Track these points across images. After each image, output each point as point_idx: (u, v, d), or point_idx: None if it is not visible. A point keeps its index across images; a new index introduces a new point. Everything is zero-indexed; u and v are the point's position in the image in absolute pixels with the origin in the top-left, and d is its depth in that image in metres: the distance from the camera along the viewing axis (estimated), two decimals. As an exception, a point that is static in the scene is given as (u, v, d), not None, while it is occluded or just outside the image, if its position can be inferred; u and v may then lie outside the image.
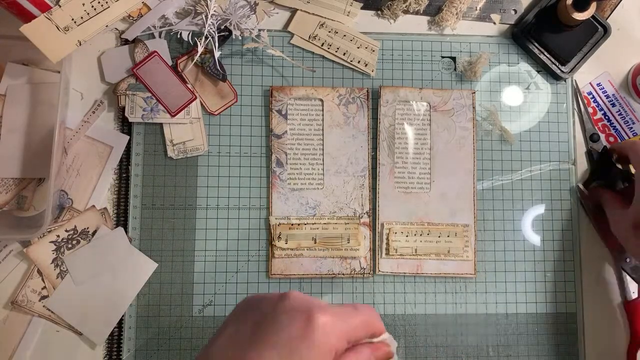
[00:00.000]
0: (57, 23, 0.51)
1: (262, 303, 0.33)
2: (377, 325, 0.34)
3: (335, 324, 0.31)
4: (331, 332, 0.30)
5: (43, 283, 0.53)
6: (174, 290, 0.55)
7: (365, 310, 0.34)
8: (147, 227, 0.55)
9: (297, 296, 0.32)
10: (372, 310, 0.34)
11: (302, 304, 0.31)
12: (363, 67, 0.58)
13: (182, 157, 0.56)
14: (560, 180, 0.59)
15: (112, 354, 0.53)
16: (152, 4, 0.56)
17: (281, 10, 0.59)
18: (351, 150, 0.57)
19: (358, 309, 0.33)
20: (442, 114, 0.58)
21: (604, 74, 0.61)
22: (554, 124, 0.60)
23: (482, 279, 0.57)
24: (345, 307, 0.33)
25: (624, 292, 0.57)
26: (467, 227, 0.57)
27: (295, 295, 0.32)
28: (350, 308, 0.33)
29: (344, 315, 0.32)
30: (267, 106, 0.57)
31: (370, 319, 0.33)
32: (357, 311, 0.33)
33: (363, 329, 0.33)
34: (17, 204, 0.54)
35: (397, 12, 0.59)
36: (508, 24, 0.61)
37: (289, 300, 0.32)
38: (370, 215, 0.57)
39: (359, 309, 0.33)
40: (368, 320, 0.33)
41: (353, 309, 0.33)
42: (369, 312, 0.34)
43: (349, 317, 0.32)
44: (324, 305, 0.32)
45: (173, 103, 0.55)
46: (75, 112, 0.56)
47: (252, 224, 0.56)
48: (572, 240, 0.58)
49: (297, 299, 0.32)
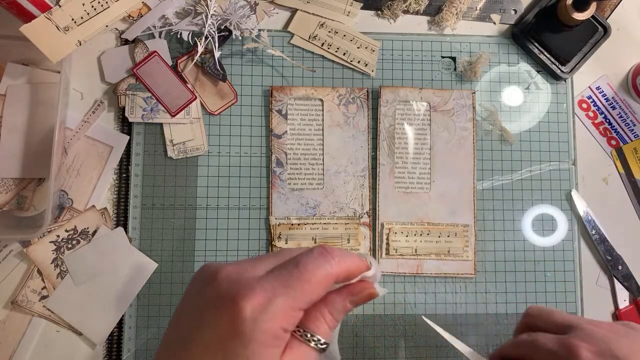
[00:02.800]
0: (57, 23, 0.51)
1: (197, 283, 0.28)
2: (343, 267, 0.28)
3: (271, 304, 0.25)
4: (267, 317, 0.25)
5: (43, 283, 0.53)
6: (174, 290, 0.55)
7: (310, 262, 0.27)
8: (147, 227, 0.55)
9: (225, 277, 0.27)
10: (324, 255, 0.27)
11: (228, 288, 0.26)
12: (363, 67, 0.58)
13: (182, 157, 0.56)
14: (560, 180, 0.59)
15: (112, 354, 0.53)
16: (152, 4, 0.56)
17: (281, 10, 0.59)
18: (351, 150, 0.57)
19: (300, 265, 0.27)
20: (442, 114, 0.58)
21: (602, 77, 0.61)
22: (554, 124, 0.60)
23: (482, 279, 0.57)
24: (282, 270, 0.27)
25: (616, 300, 0.57)
26: (467, 227, 0.57)
27: (224, 275, 0.27)
28: (290, 267, 0.27)
29: (282, 282, 0.26)
30: (267, 106, 0.57)
31: (321, 271, 0.27)
32: (300, 269, 0.27)
33: (317, 286, 0.27)
34: (17, 204, 0.54)
35: (397, 12, 0.59)
36: (508, 24, 0.61)
37: (215, 285, 0.27)
38: (370, 215, 0.57)
39: (302, 264, 0.27)
40: (318, 274, 0.27)
41: (293, 267, 0.27)
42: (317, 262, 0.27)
43: (289, 282, 0.26)
44: (252, 282, 0.26)
45: (173, 103, 0.55)
46: (75, 112, 0.56)
47: (252, 224, 0.56)
48: (572, 240, 0.58)
49: (225, 280, 0.27)
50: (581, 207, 0.58)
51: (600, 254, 0.58)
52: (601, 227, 0.58)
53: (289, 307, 0.26)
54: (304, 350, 0.28)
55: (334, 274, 0.27)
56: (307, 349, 0.28)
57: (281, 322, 0.26)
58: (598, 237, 0.58)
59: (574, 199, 0.58)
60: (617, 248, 0.58)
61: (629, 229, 0.59)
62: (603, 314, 0.58)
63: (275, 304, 0.26)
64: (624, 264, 0.58)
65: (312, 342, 0.28)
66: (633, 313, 0.57)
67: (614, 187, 0.60)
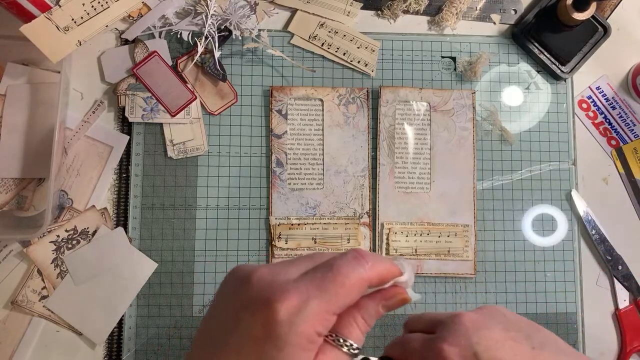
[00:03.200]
0: (57, 23, 0.51)
1: (229, 285, 0.28)
2: (377, 272, 0.28)
3: (306, 307, 0.25)
4: (302, 320, 0.25)
5: (43, 283, 0.53)
6: (174, 290, 0.55)
7: (344, 266, 0.27)
8: (147, 227, 0.55)
9: (259, 279, 0.27)
10: (358, 259, 0.27)
11: (262, 290, 0.26)
12: (363, 67, 0.58)
13: (182, 157, 0.56)
14: (560, 180, 0.59)
15: (112, 354, 0.53)
16: (152, 4, 0.56)
17: (281, 10, 0.59)
18: (351, 150, 0.57)
19: (334, 268, 0.26)
20: (442, 114, 0.58)
21: (602, 77, 0.61)
22: (554, 124, 0.60)
23: (482, 279, 0.57)
24: (317, 273, 0.27)
25: (616, 300, 0.57)
26: (467, 227, 0.57)
27: (258, 277, 0.27)
28: (324, 270, 0.27)
29: (317, 285, 0.26)
30: (267, 106, 0.57)
31: (355, 274, 0.27)
32: (334, 272, 0.26)
33: (351, 290, 0.27)
34: (17, 204, 0.54)
35: (397, 12, 0.59)
36: (508, 24, 0.61)
37: (249, 287, 0.26)
38: (370, 215, 0.57)
39: (336, 268, 0.26)
40: (352, 278, 0.26)
41: (328, 271, 0.26)
42: (350, 266, 0.27)
43: (323, 285, 0.26)
44: (286, 284, 0.26)
45: (173, 103, 0.55)
46: (75, 112, 0.56)
47: (252, 224, 0.56)
48: (572, 240, 0.58)
49: (259, 283, 0.26)
50: (581, 207, 0.58)
51: (600, 254, 0.58)
52: (601, 227, 0.58)
53: (324, 311, 0.26)
54: (335, 355, 0.27)
55: (367, 278, 0.27)
56: (339, 354, 0.27)
57: (315, 325, 0.25)
58: (598, 237, 0.58)
59: (574, 199, 0.58)
60: (617, 248, 0.58)
61: (629, 229, 0.59)
62: (603, 314, 0.58)
63: (310, 306, 0.25)
64: (624, 264, 0.58)
65: (345, 347, 0.27)
66: (633, 313, 0.57)
67: (614, 187, 0.60)
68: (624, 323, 0.57)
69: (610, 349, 0.57)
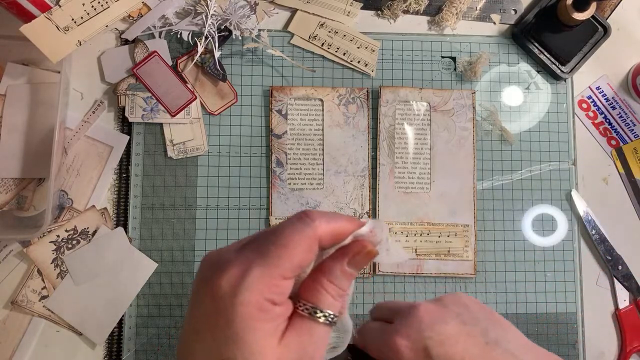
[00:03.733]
0: (57, 23, 0.51)
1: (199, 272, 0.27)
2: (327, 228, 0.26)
3: (248, 275, 0.24)
4: (244, 288, 0.24)
5: (43, 283, 0.53)
6: (174, 290, 0.55)
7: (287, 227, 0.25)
8: (147, 227, 0.55)
9: (207, 260, 0.26)
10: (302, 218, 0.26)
11: (208, 269, 0.25)
12: (363, 67, 0.58)
13: (182, 157, 0.56)
14: (560, 180, 0.59)
15: (112, 354, 0.53)
16: (152, 4, 0.56)
17: (281, 10, 0.59)
18: (351, 150, 0.57)
19: (277, 232, 0.25)
20: (442, 114, 0.58)
21: (602, 77, 0.61)
22: (554, 124, 0.60)
23: (482, 279, 0.57)
24: (259, 240, 0.26)
25: (616, 300, 0.57)
26: (467, 227, 0.57)
27: (207, 259, 0.26)
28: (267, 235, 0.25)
29: (258, 251, 0.25)
30: (267, 106, 0.57)
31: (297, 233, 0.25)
32: (276, 235, 0.25)
33: (295, 250, 0.25)
34: (17, 204, 0.54)
35: (397, 12, 0.59)
36: (508, 24, 0.61)
37: (200, 270, 0.26)
38: (370, 215, 0.56)
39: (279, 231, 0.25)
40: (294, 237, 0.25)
41: (270, 235, 0.25)
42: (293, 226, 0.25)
43: (264, 250, 0.25)
44: (229, 257, 0.25)
45: (173, 103, 0.55)
46: (75, 112, 0.56)
47: (252, 224, 0.56)
48: (572, 240, 0.58)
49: (206, 263, 0.26)
50: (581, 207, 0.58)
51: (600, 254, 0.58)
52: (601, 227, 0.58)
53: (267, 275, 0.24)
54: (309, 326, 0.26)
55: (313, 235, 0.25)
56: (312, 325, 0.26)
57: (262, 291, 0.24)
58: (598, 237, 0.58)
59: (574, 199, 0.58)
60: (617, 248, 0.58)
61: (629, 229, 0.59)
62: (603, 314, 0.58)
63: (252, 274, 0.24)
64: (624, 264, 0.58)
65: (321, 317, 0.26)
66: (633, 313, 0.57)
67: (614, 187, 0.60)
68: (624, 323, 0.57)
69: (610, 349, 0.57)
